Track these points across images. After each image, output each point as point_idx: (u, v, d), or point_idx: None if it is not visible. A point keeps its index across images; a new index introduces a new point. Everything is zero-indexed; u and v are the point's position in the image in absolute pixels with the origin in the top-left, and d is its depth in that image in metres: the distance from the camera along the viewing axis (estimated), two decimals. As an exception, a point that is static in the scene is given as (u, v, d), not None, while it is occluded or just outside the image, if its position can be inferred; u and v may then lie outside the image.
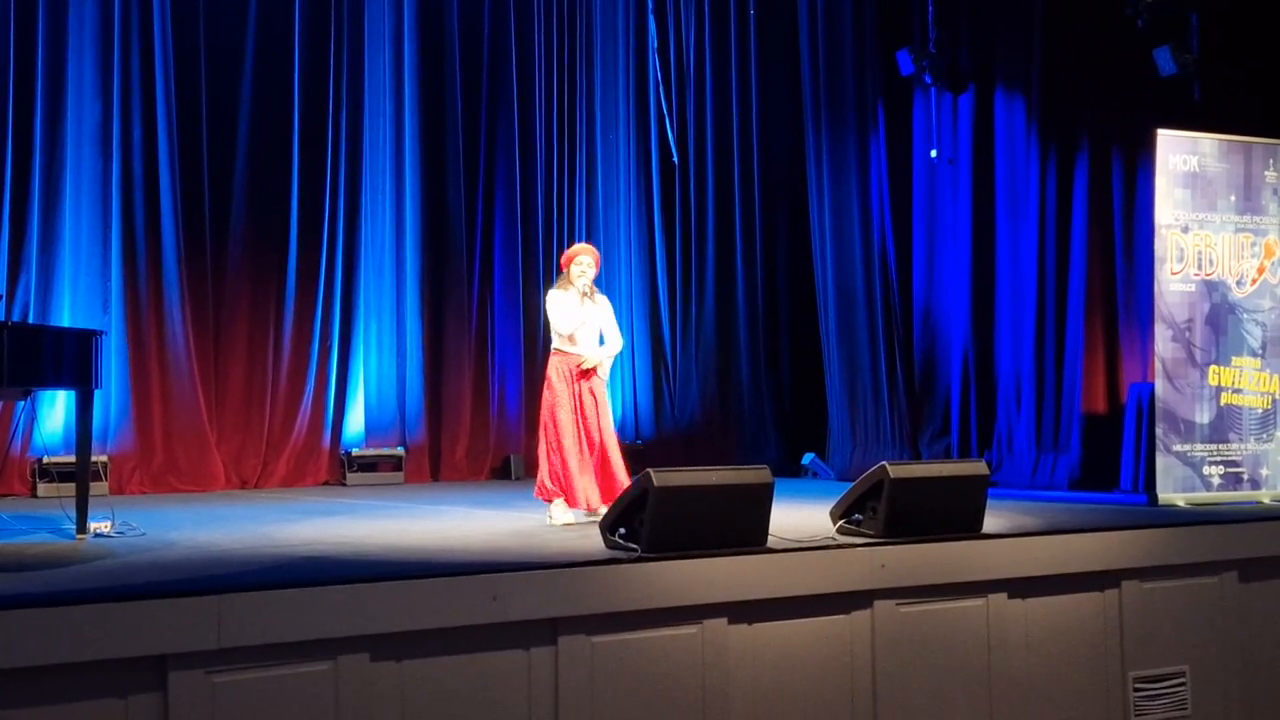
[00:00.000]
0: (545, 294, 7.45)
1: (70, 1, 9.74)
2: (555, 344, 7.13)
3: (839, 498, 6.10)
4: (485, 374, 11.35)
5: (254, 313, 10.41)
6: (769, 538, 5.53)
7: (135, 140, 9.93)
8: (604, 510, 6.44)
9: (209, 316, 10.19)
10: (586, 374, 7.02)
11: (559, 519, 6.81)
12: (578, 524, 6.72)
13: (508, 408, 11.42)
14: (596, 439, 6.97)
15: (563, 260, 7.35)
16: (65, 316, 9.56)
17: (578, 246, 7.37)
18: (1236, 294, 8.09)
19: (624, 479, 6.79)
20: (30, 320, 9.20)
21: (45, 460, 9.11)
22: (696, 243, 12.27)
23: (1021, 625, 5.97)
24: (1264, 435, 8.09)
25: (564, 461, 6.84)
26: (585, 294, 7.08)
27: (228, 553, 5.59)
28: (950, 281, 10.47)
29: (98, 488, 8.39)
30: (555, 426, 6.90)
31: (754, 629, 5.31)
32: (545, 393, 7.03)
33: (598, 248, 7.99)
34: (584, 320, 7.06)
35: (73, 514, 6.34)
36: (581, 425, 6.95)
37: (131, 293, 9.86)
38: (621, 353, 11.80)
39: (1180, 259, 7.98)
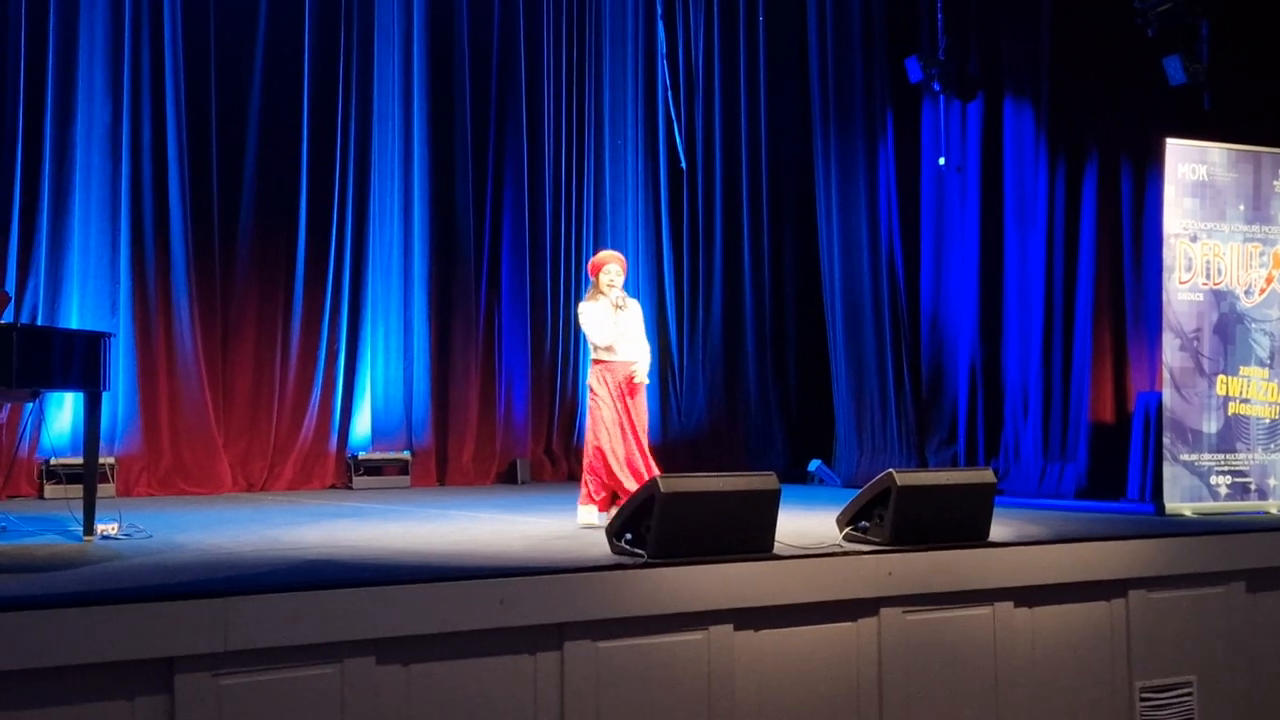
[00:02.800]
0: (575, 306, 7.36)
1: (81, 4, 9.77)
2: (595, 354, 7.04)
3: (846, 505, 6.10)
4: (492, 378, 11.36)
5: (262, 316, 10.43)
6: (775, 544, 5.52)
7: (145, 143, 9.96)
8: None
9: (217, 319, 10.21)
10: (634, 388, 6.96)
11: (583, 519, 6.84)
12: (600, 526, 6.71)
13: (514, 412, 11.42)
14: (645, 442, 6.98)
15: (590, 268, 7.25)
16: (73, 318, 9.59)
17: (604, 254, 7.25)
18: (1245, 304, 8.08)
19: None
20: (39, 322, 9.23)
21: (53, 462, 9.13)
22: (704, 249, 12.28)
23: (1028, 634, 5.96)
24: (1271, 445, 8.07)
25: (606, 465, 6.82)
26: (619, 305, 6.98)
27: (234, 555, 5.60)
28: (958, 289, 10.46)
29: (105, 489, 8.39)
30: (598, 433, 6.86)
31: (760, 636, 5.31)
32: (589, 402, 6.98)
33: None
34: (622, 332, 6.99)
35: (80, 516, 6.34)
36: (630, 430, 6.90)
37: (140, 295, 9.88)
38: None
39: (1189, 268, 7.97)
